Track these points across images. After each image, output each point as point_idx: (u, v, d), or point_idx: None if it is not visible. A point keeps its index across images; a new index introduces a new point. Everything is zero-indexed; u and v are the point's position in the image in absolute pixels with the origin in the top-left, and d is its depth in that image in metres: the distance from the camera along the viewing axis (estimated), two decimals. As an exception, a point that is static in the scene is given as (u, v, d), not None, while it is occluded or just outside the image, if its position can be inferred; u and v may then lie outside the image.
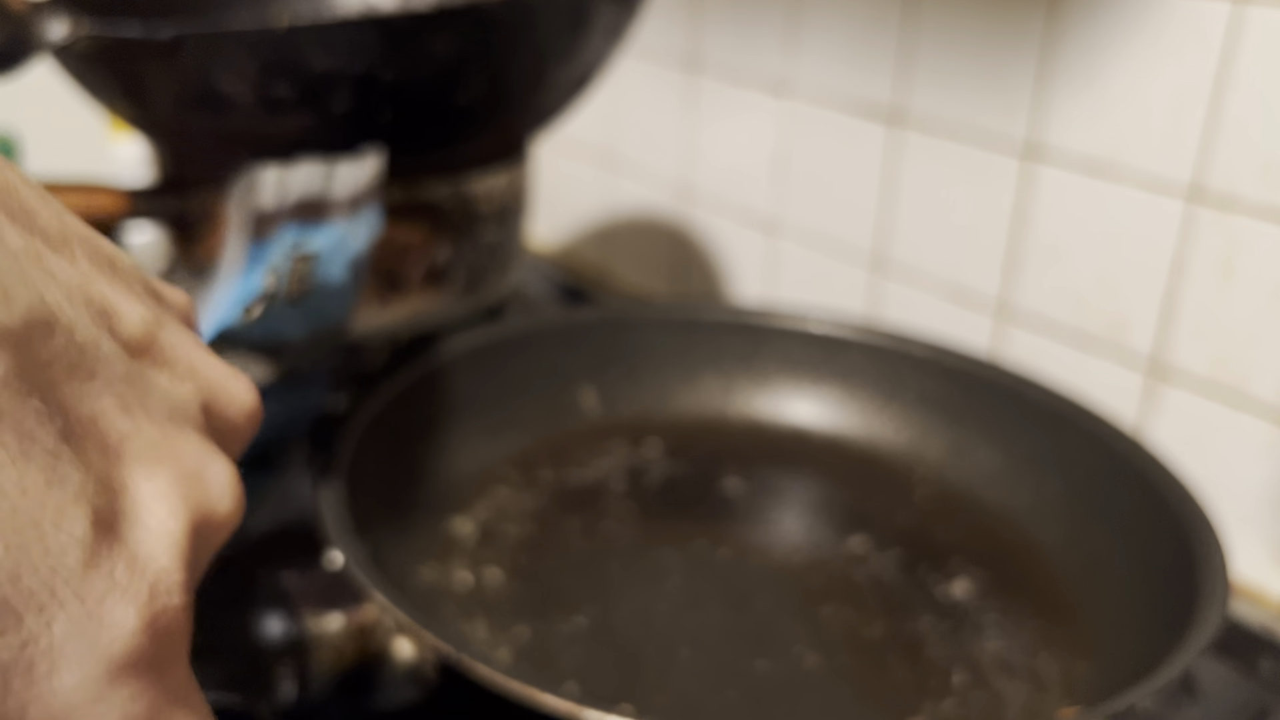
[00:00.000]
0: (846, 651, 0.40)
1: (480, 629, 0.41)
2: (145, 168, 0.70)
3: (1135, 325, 0.51)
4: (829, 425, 0.53)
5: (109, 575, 0.17)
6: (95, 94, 0.49)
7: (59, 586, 0.16)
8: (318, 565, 0.42)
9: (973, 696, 0.38)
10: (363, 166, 0.43)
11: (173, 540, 0.18)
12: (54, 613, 0.16)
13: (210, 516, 0.20)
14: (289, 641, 0.40)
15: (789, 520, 0.49)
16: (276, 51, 0.43)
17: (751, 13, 0.65)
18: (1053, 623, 0.42)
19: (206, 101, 0.45)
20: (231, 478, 0.20)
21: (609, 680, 0.39)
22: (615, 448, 0.52)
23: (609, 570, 0.45)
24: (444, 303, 0.54)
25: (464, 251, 0.54)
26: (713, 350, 0.54)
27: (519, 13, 0.46)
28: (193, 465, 0.20)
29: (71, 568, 0.16)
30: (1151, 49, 0.48)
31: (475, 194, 0.53)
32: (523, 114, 0.52)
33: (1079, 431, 0.46)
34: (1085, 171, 0.51)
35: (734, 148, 0.69)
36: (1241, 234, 0.46)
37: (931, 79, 0.56)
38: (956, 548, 0.46)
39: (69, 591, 0.16)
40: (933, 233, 0.59)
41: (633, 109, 0.75)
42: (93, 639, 0.17)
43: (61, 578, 0.16)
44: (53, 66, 0.48)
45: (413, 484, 0.46)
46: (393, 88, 0.45)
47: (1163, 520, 0.41)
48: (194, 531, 0.19)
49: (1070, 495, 0.46)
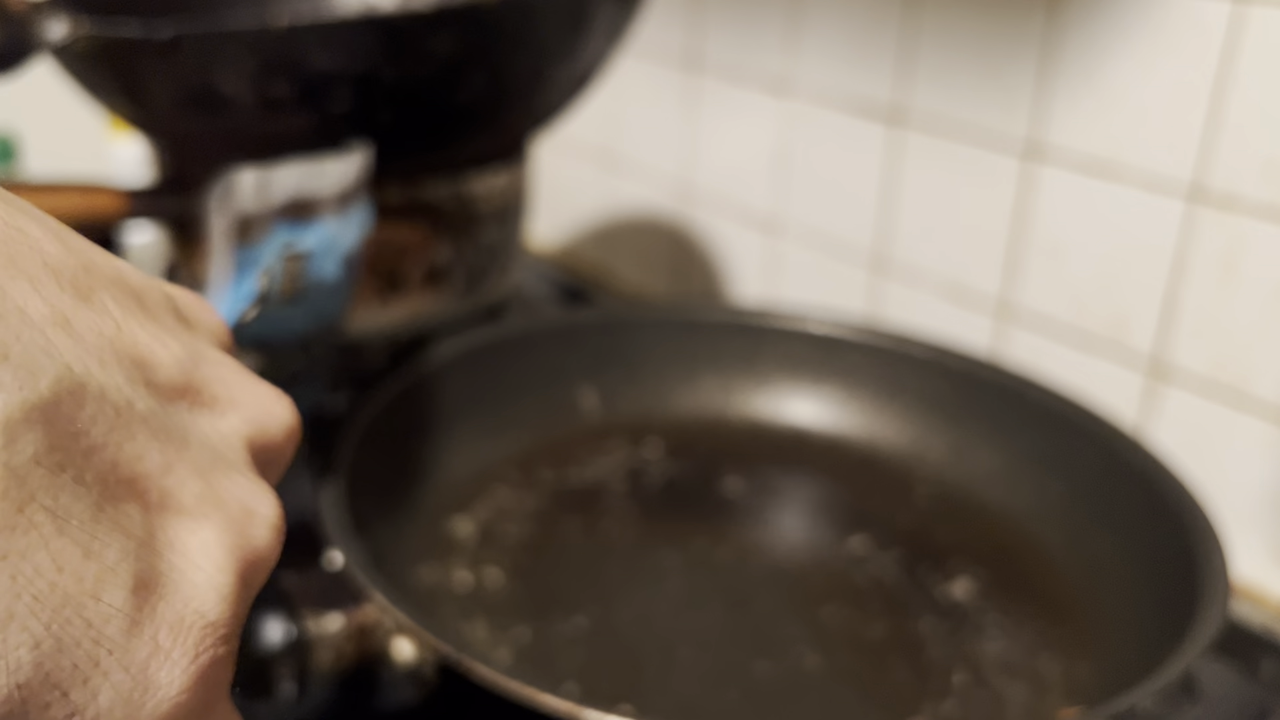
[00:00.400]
0: (847, 652, 0.40)
1: (480, 629, 0.41)
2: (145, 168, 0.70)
3: (1135, 325, 0.51)
4: (829, 425, 0.53)
5: (153, 639, 0.17)
6: (95, 94, 0.49)
7: (102, 657, 0.16)
8: (318, 565, 0.42)
9: (973, 697, 0.38)
10: (349, 162, 0.43)
11: (221, 592, 0.18)
12: (99, 683, 0.16)
13: (257, 557, 0.20)
14: (289, 642, 0.40)
15: (789, 520, 0.49)
16: (276, 51, 0.43)
17: (752, 12, 0.65)
18: (1053, 623, 0.42)
19: (206, 101, 0.45)
20: (274, 511, 0.21)
21: (609, 680, 0.38)
22: (615, 448, 0.52)
23: (609, 570, 0.45)
24: (444, 303, 0.54)
25: (464, 251, 0.54)
26: (713, 350, 0.54)
27: (519, 13, 0.46)
28: (237, 510, 0.20)
29: (114, 637, 0.17)
30: (1152, 48, 0.48)
31: (475, 194, 0.53)
32: (523, 114, 0.52)
33: (1079, 431, 0.46)
34: (1086, 171, 0.51)
35: (734, 147, 0.69)
36: (1242, 234, 0.46)
37: (932, 78, 0.56)
38: (957, 548, 0.46)
39: (113, 661, 0.17)
40: (933, 233, 0.59)
41: (633, 109, 0.75)
42: (139, 704, 0.17)
43: (105, 648, 0.17)
44: (53, 66, 0.48)
45: (413, 484, 0.46)
46: (393, 88, 0.45)
47: (1163, 520, 0.41)
48: (242, 576, 0.19)
49: (1071, 495, 0.45)
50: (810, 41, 0.62)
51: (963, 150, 0.56)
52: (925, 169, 0.58)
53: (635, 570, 0.45)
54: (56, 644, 0.16)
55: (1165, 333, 0.50)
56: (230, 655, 0.19)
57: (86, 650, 0.16)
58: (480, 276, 0.55)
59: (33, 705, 0.16)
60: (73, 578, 0.16)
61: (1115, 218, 0.50)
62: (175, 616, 0.18)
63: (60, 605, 0.16)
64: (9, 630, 0.16)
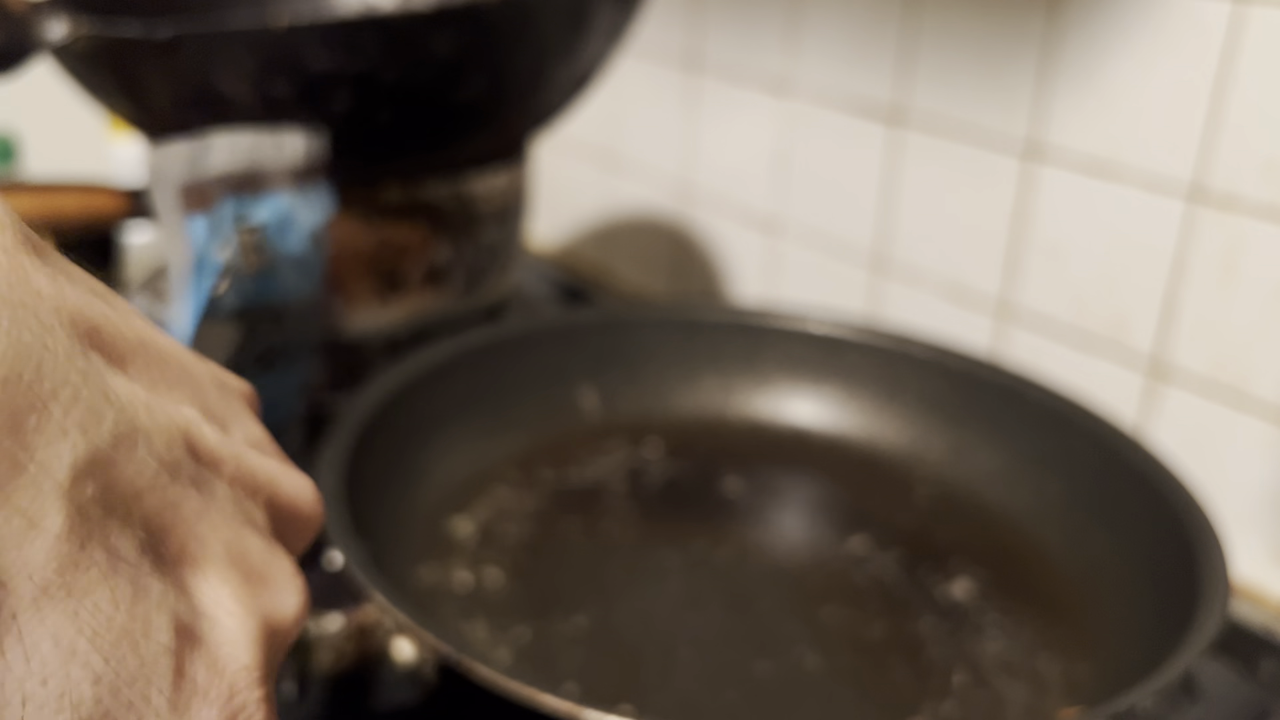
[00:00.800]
0: (847, 652, 0.40)
1: (480, 629, 0.41)
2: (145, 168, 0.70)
3: (1135, 325, 0.51)
4: (829, 425, 0.53)
5: (194, 680, 0.18)
6: (95, 94, 0.49)
7: (154, 695, 0.17)
8: (318, 565, 0.42)
9: (973, 697, 0.38)
10: (297, 141, 0.44)
11: (249, 639, 0.19)
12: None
13: (280, 617, 0.21)
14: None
15: (789, 520, 0.49)
16: (276, 51, 0.43)
17: (752, 12, 0.65)
18: (1053, 623, 0.42)
19: (206, 101, 0.45)
20: (295, 576, 0.22)
21: (609, 680, 0.38)
22: (615, 448, 0.52)
23: (609, 570, 0.45)
24: (444, 303, 0.54)
25: (464, 251, 0.54)
26: (713, 350, 0.54)
27: (519, 13, 0.46)
28: (259, 567, 0.21)
29: (163, 675, 0.17)
30: (1152, 48, 0.48)
31: (475, 194, 0.53)
32: (523, 114, 0.52)
33: (1079, 431, 0.46)
34: (1086, 171, 0.51)
35: (734, 147, 0.69)
36: (1242, 234, 0.46)
37: (932, 78, 0.56)
38: (957, 548, 0.46)
39: (163, 700, 0.17)
40: (933, 233, 0.59)
41: (633, 109, 0.75)
42: None
43: (156, 686, 0.17)
44: (53, 66, 0.48)
45: (413, 484, 0.46)
46: (393, 88, 0.45)
47: (1163, 520, 0.40)
48: (266, 629, 0.20)
49: (1071, 495, 0.45)
50: (810, 41, 0.62)
51: (963, 150, 0.56)
52: (925, 169, 0.58)
53: (635, 570, 0.45)
54: (115, 679, 0.17)
55: (1165, 333, 0.50)
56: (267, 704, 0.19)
57: (140, 689, 0.17)
58: (480, 276, 0.55)
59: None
60: (127, 615, 0.17)
61: (1115, 218, 0.51)
62: (210, 659, 0.18)
63: (117, 641, 0.17)
64: (71, 665, 0.16)
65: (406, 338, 0.53)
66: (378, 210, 0.51)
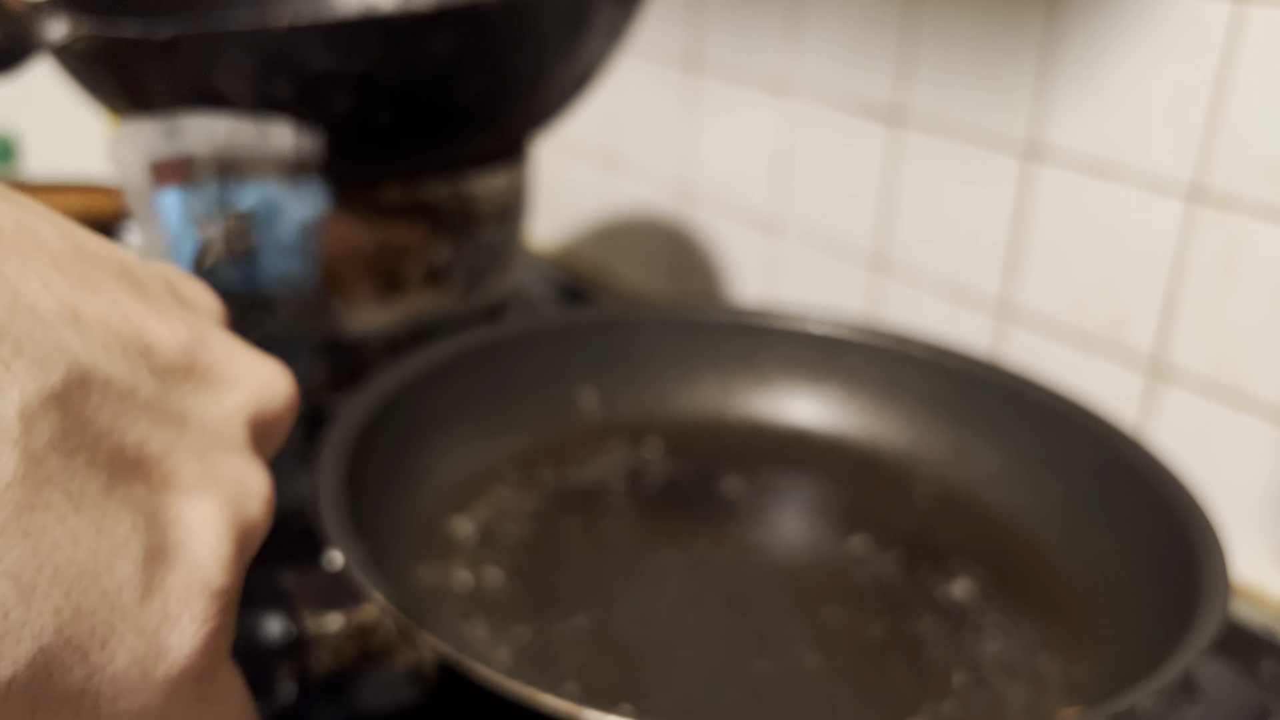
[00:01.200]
0: (847, 652, 0.40)
1: (480, 629, 0.41)
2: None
3: (1135, 325, 0.51)
4: (829, 425, 0.53)
5: (163, 607, 0.19)
6: (95, 94, 0.49)
7: (118, 623, 0.18)
8: (317, 565, 0.42)
9: (973, 697, 0.38)
10: (285, 134, 0.44)
11: (221, 562, 0.20)
12: (115, 647, 0.18)
13: (251, 528, 0.21)
14: (288, 641, 0.40)
15: (789, 520, 0.49)
16: (276, 51, 0.43)
17: (751, 12, 0.65)
18: (1053, 623, 0.42)
19: (206, 101, 0.45)
20: (265, 486, 0.22)
21: (609, 680, 0.38)
22: (615, 448, 0.52)
23: (609, 570, 0.45)
24: (444, 303, 0.54)
25: (464, 251, 0.54)
26: (713, 350, 0.54)
27: (519, 13, 0.46)
28: (234, 486, 0.21)
29: (127, 605, 0.18)
30: (1152, 48, 0.48)
31: (475, 194, 0.53)
32: (523, 114, 0.52)
33: (1079, 431, 0.46)
34: (1086, 171, 0.51)
35: (734, 147, 0.69)
36: (1242, 234, 0.46)
37: (932, 78, 0.56)
38: (957, 548, 0.46)
39: (127, 626, 0.18)
40: (933, 233, 0.59)
41: (633, 109, 0.75)
42: (151, 666, 0.18)
43: (119, 614, 0.18)
44: (53, 66, 0.48)
45: (412, 484, 0.46)
46: (393, 88, 0.45)
47: (1163, 520, 0.40)
48: (238, 546, 0.21)
49: (1071, 495, 0.45)
50: (810, 41, 0.62)
51: (963, 150, 0.56)
52: (925, 169, 0.58)
53: (635, 570, 0.45)
54: (76, 611, 0.17)
55: (1165, 333, 0.50)
56: (232, 621, 0.20)
57: (103, 617, 0.18)
58: (480, 276, 0.55)
59: (55, 666, 0.17)
60: (88, 552, 0.18)
61: (1115, 218, 0.51)
62: (182, 585, 0.19)
63: (78, 576, 0.18)
64: (33, 599, 0.17)
65: (406, 338, 0.53)
66: (377, 210, 0.51)
